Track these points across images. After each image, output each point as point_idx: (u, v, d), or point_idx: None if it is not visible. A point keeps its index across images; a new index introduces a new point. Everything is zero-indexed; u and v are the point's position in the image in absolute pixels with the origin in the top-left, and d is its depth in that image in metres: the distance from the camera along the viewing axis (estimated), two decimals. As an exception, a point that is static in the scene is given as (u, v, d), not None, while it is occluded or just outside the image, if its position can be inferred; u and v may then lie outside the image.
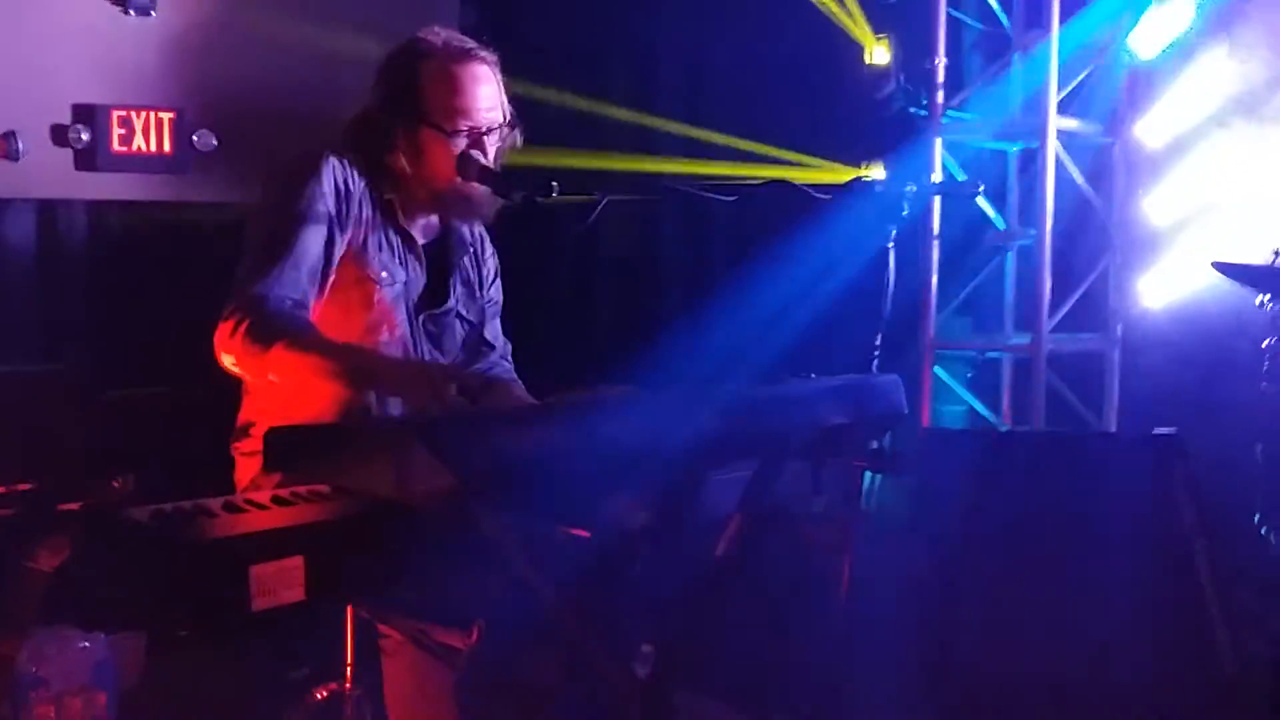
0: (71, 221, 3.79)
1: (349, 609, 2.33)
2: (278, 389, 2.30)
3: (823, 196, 2.36)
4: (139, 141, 3.88)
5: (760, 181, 2.30)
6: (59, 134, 3.74)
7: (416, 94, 2.38)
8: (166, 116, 3.92)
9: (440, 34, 2.44)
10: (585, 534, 1.53)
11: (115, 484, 1.70)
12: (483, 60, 2.43)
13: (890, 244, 2.46)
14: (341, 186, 2.34)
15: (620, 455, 1.63)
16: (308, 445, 1.60)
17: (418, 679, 2.19)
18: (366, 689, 2.41)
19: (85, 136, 3.78)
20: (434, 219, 2.54)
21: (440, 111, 2.36)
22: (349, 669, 2.43)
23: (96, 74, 3.76)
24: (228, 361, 2.26)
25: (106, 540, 1.59)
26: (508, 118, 2.45)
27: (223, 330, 2.24)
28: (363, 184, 2.38)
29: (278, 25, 3.99)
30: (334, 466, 1.58)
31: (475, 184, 2.35)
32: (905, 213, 2.44)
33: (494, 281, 2.68)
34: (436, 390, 2.02)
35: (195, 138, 3.96)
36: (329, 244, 2.32)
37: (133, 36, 3.81)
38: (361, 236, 2.36)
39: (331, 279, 2.35)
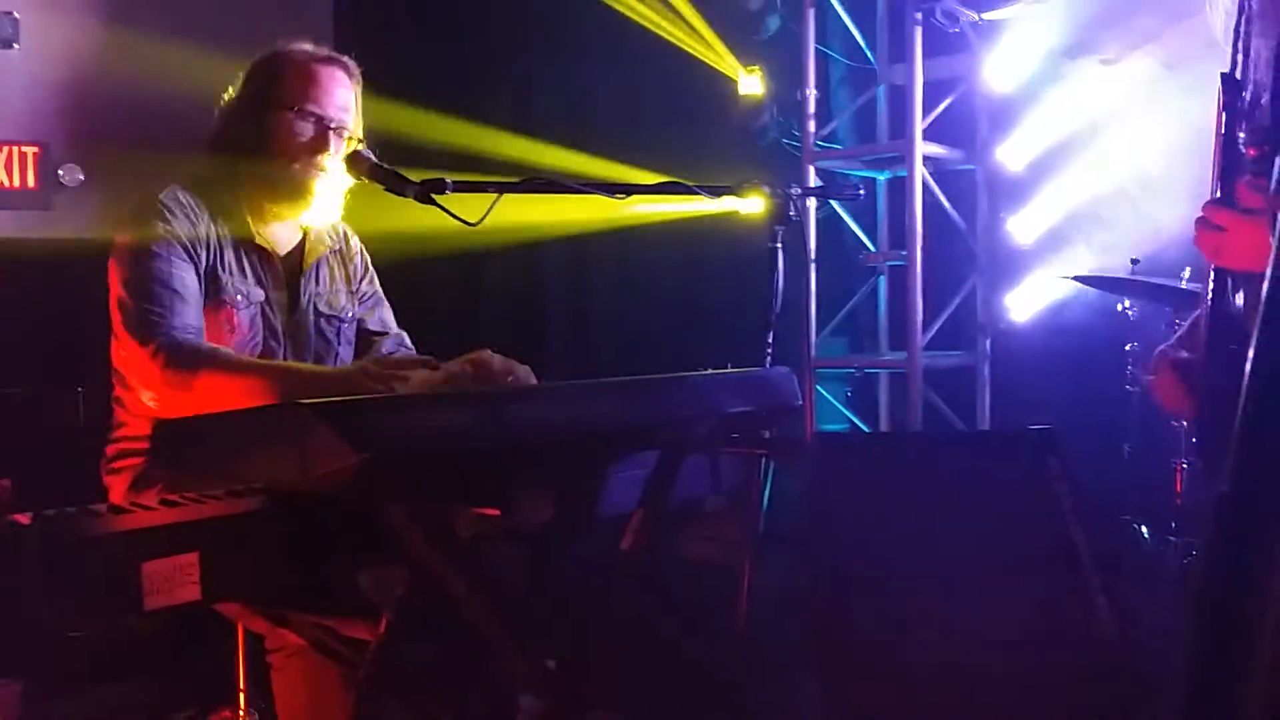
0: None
1: (239, 630, 2.25)
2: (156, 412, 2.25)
3: (713, 199, 2.40)
4: (1, 176, 3.75)
5: (653, 183, 2.33)
6: (-83, 168, 3.58)
7: (276, 85, 2.45)
8: (30, 151, 3.80)
9: (308, 44, 2.53)
10: (495, 512, 1.51)
11: (-9, 491, 1.62)
12: (344, 67, 2.52)
13: (778, 244, 2.51)
14: (187, 219, 2.37)
15: (528, 439, 1.62)
16: (200, 435, 1.55)
17: (311, 689, 2.14)
18: (260, 713, 2.33)
19: (-56, 171, 3.63)
20: (294, 229, 2.56)
21: (294, 96, 2.43)
22: (242, 694, 2.34)
23: (-42, 109, 3.62)
24: (146, 397, 2.28)
25: (-14, 547, 1.51)
26: (358, 133, 2.50)
27: (137, 364, 2.25)
28: (207, 212, 2.41)
29: (143, 57, 3.90)
30: (229, 455, 1.53)
31: (324, 173, 2.42)
32: (792, 214, 2.49)
33: (365, 274, 2.70)
34: (385, 382, 2.02)
35: (61, 172, 3.83)
36: (197, 276, 2.36)
37: (-5, 70, 3.68)
38: (212, 264, 2.39)
39: None
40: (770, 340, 2.51)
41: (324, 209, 2.50)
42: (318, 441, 1.43)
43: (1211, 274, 1.97)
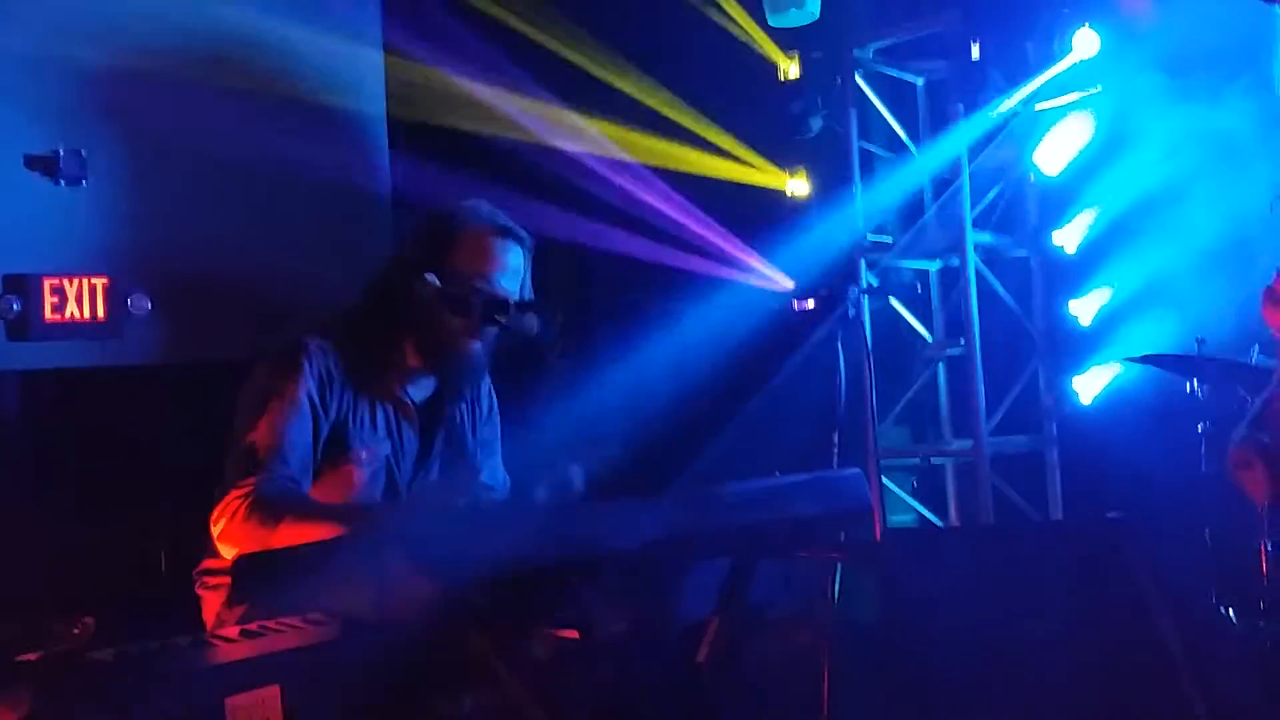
0: (4, 392, 3.72)
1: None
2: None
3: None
4: (72, 309, 3.85)
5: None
6: (-10, 304, 3.68)
7: (448, 254, 2.40)
8: (99, 283, 3.90)
9: (484, 206, 2.48)
10: (575, 634, 1.50)
11: (75, 630, 1.64)
12: (519, 240, 2.47)
13: (838, 344, 2.51)
14: (324, 374, 2.34)
15: (601, 553, 1.62)
16: (280, 569, 1.56)
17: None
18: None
19: (17, 306, 3.73)
20: (433, 376, 2.50)
21: (466, 273, 2.39)
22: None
23: (27, 244, 3.74)
24: (228, 553, 2.19)
25: (71, 687, 1.52)
26: (527, 299, 2.46)
27: (218, 520, 2.20)
28: (344, 367, 2.37)
29: (207, 188, 4.02)
30: (309, 589, 1.54)
31: (474, 347, 2.39)
32: (852, 315, 2.50)
33: (489, 416, 2.66)
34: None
35: (129, 302, 3.93)
36: (315, 434, 2.32)
37: (64, 205, 3.81)
38: (343, 417, 2.36)
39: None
40: (836, 439, 2.50)
41: (478, 375, 2.50)
42: (393, 573, 1.43)
43: None
